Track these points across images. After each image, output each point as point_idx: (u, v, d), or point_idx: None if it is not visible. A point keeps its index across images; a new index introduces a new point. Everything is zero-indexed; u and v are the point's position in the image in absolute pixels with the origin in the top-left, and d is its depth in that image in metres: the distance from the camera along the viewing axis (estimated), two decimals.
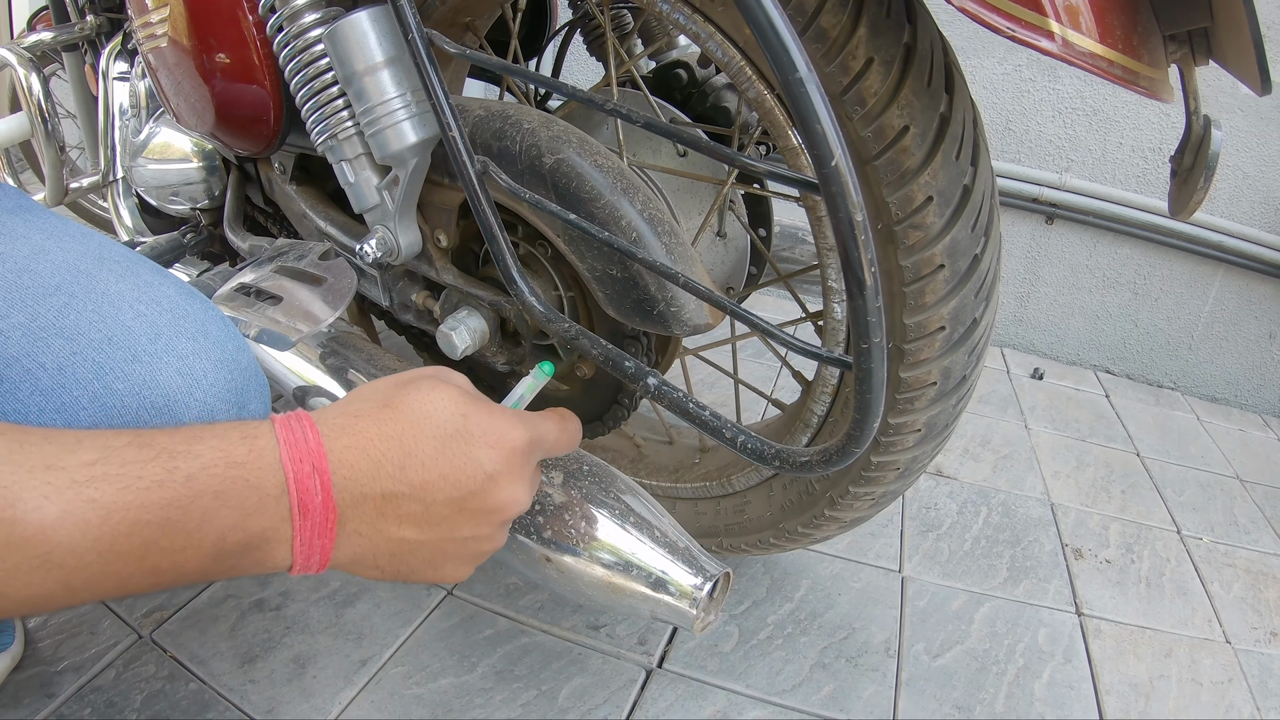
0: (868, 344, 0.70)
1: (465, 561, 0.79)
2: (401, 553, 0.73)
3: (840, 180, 0.62)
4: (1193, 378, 3.30)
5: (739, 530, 1.44)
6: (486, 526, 0.77)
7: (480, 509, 0.75)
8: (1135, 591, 1.94)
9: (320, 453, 0.66)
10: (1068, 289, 3.27)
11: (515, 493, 0.78)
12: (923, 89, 0.93)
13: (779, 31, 0.59)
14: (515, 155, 1.06)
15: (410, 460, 0.71)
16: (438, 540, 0.74)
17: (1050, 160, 3.10)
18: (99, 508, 0.57)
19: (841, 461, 0.82)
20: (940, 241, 0.98)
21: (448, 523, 0.74)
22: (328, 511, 0.66)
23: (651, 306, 1.04)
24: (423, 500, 0.71)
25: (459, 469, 0.73)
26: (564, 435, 0.90)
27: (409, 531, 0.72)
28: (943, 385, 1.10)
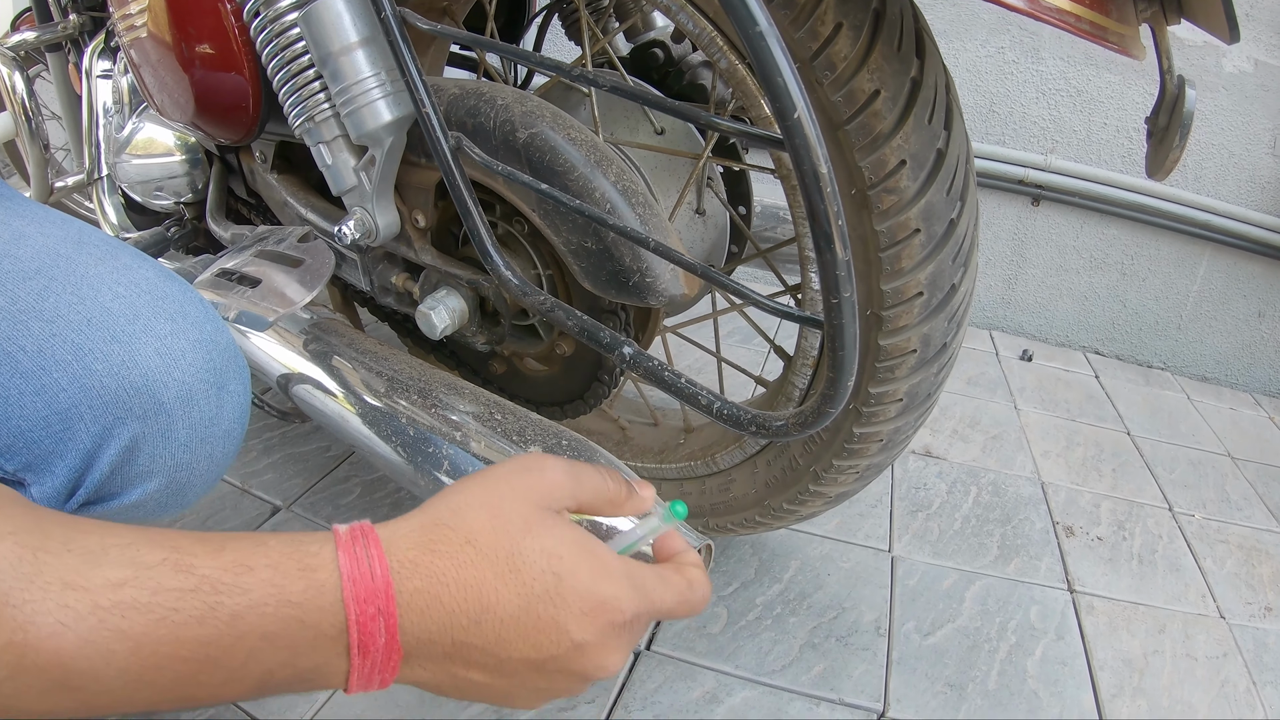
0: (838, 299, 0.70)
1: (533, 704, 0.73)
2: (467, 689, 0.67)
3: (803, 133, 0.62)
4: (1182, 357, 3.30)
5: (725, 509, 1.44)
6: (565, 684, 0.69)
7: (560, 671, 0.67)
8: (1127, 568, 1.94)
9: (389, 594, 0.59)
10: (1055, 270, 3.27)
11: (605, 663, 0.68)
12: (893, 53, 0.93)
13: None
14: (489, 131, 1.06)
15: (488, 616, 0.63)
16: (508, 687, 0.68)
17: (1035, 142, 3.10)
18: (127, 640, 0.52)
19: (817, 423, 0.82)
20: (915, 205, 0.98)
21: (520, 677, 0.67)
22: (391, 653, 0.60)
23: (627, 278, 1.04)
24: (496, 655, 0.64)
25: (542, 633, 0.65)
26: (682, 606, 0.75)
27: (478, 675, 0.66)
28: (923, 353, 1.10)
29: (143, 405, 0.83)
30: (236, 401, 0.94)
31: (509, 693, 0.68)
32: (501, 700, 0.70)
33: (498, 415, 1.07)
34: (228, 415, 0.93)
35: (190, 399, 0.87)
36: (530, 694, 0.70)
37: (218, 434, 0.92)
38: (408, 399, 1.12)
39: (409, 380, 1.15)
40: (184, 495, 0.94)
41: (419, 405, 1.10)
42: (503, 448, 1.03)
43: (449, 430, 1.07)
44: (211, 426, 0.91)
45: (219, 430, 0.92)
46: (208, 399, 0.89)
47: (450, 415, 1.08)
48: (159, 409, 0.85)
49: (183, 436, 0.88)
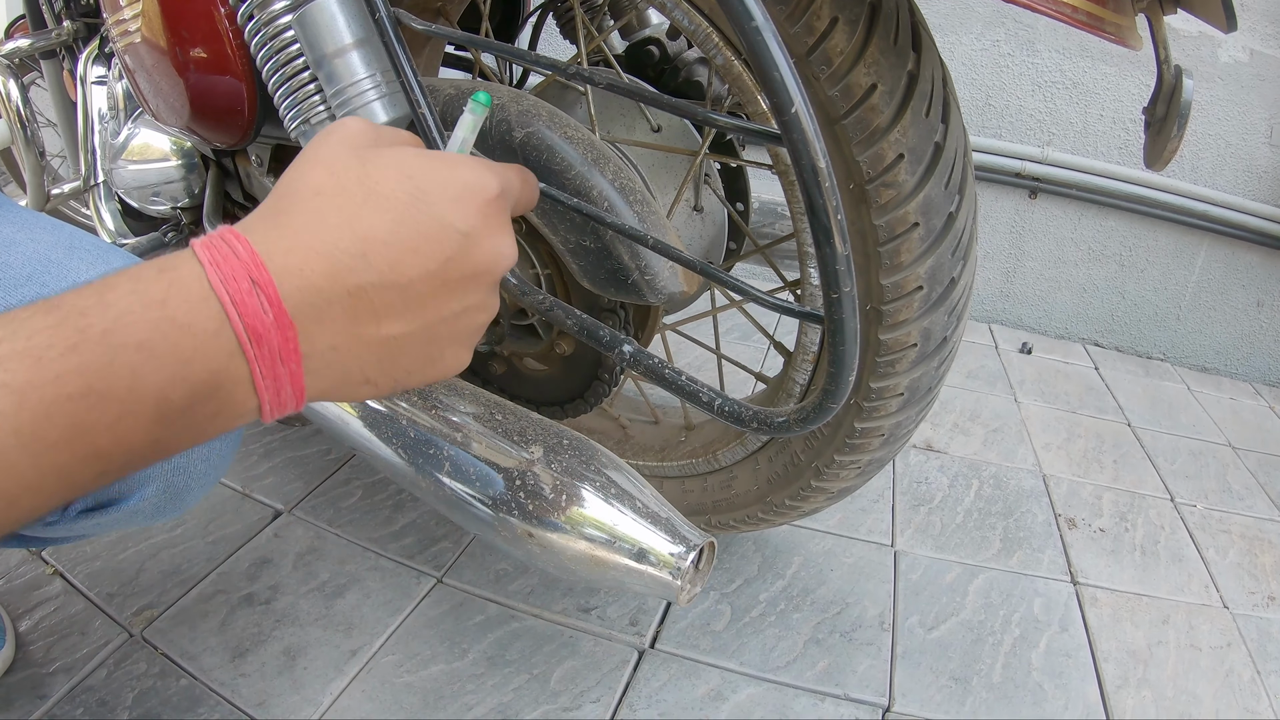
0: (837, 294, 0.70)
1: (463, 342, 0.67)
2: (391, 355, 0.61)
3: (800, 128, 0.61)
4: (1182, 348, 3.30)
5: (727, 506, 1.44)
6: (476, 293, 0.65)
7: (464, 275, 0.63)
8: (1130, 559, 1.94)
9: (258, 263, 0.54)
10: (1054, 263, 3.27)
11: (498, 245, 0.65)
12: (889, 47, 0.93)
13: None
14: (486, 131, 1.06)
15: (370, 244, 0.58)
16: (427, 326, 0.62)
17: (1032, 135, 3.10)
18: (11, 393, 0.47)
19: (819, 419, 0.81)
20: (914, 199, 0.98)
21: (434, 301, 0.62)
22: (284, 330, 0.54)
23: (625, 276, 1.04)
24: (397, 285, 0.59)
25: (428, 237, 0.60)
26: (527, 185, 0.76)
27: (393, 326, 0.60)
28: (923, 347, 1.10)
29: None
30: None
31: (433, 336, 0.64)
32: (432, 360, 0.65)
33: (498, 415, 1.07)
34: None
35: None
36: (452, 326, 0.65)
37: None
38: (407, 401, 1.11)
39: None
40: (182, 499, 0.94)
41: (419, 407, 1.10)
42: (504, 448, 1.03)
43: (450, 431, 1.06)
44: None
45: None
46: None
47: (450, 416, 1.08)
48: None
49: None
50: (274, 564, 1.57)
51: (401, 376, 0.64)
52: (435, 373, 0.66)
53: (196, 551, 1.58)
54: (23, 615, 1.41)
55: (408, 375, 0.64)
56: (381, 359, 0.61)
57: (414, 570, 1.58)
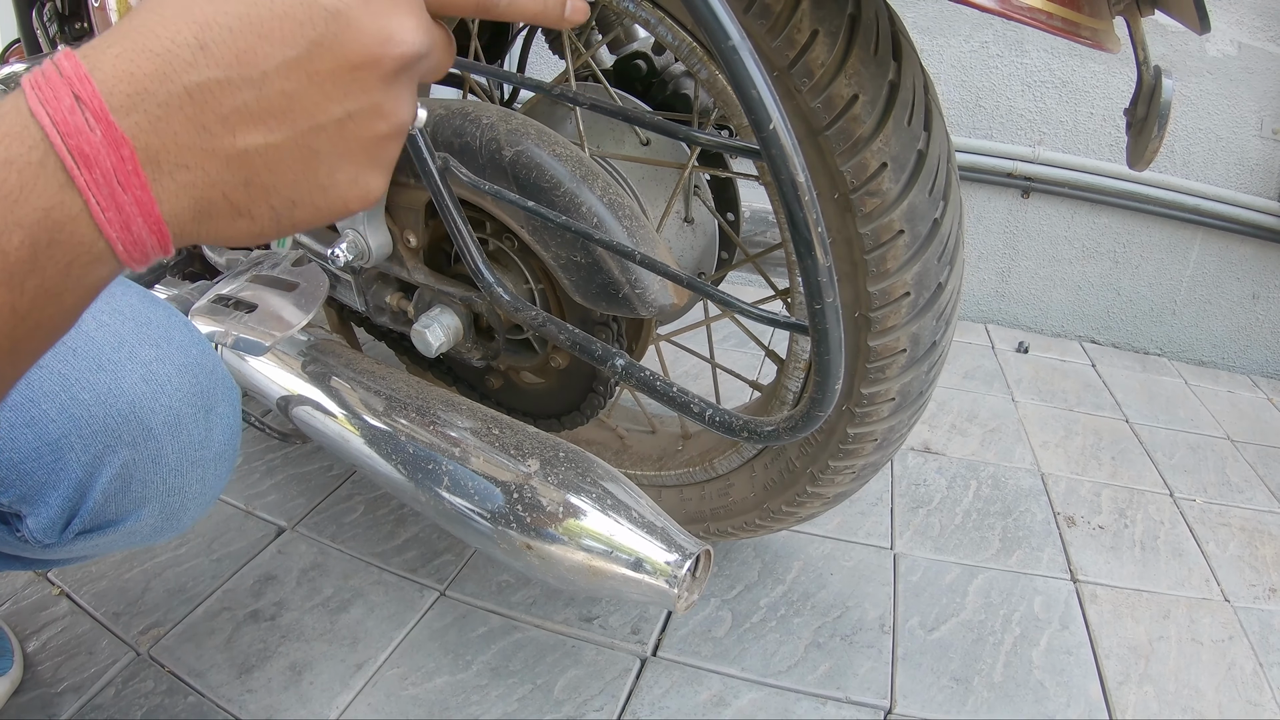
0: (820, 304, 0.71)
1: (359, 160, 0.53)
2: (260, 175, 0.50)
3: (779, 143, 0.63)
4: (1178, 342, 3.31)
5: (725, 514, 1.45)
6: (363, 92, 0.51)
7: (340, 66, 0.49)
8: (1130, 555, 1.95)
9: (81, 75, 0.45)
10: (1048, 261, 3.28)
11: (386, 26, 0.50)
12: (870, 57, 0.94)
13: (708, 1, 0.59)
14: (476, 150, 1.07)
15: (210, 30, 0.47)
16: (300, 135, 0.50)
17: (1023, 134, 3.11)
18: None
19: (807, 427, 0.83)
20: (898, 207, 0.99)
21: (301, 102, 0.49)
22: (117, 147, 0.45)
23: (616, 290, 1.05)
24: (249, 80, 0.47)
25: (284, 17, 0.48)
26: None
27: (251, 135, 0.48)
28: (913, 352, 1.11)
29: (131, 432, 0.85)
30: (226, 424, 0.96)
31: (312, 148, 0.51)
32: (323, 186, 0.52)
33: (495, 430, 1.08)
34: (218, 438, 0.95)
35: (178, 423, 0.88)
36: (337, 137, 0.51)
37: (208, 457, 0.94)
38: (406, 417, 1.13)
39: (407, 398, 1.16)
40: (179, 519, 0.95)
41: (417, 423, 1.11)
42: (501, 462, 1.04)
43: (448, 446, 1.08)
44: (201, 450, 0.92)
45: (209, 454, 0.94)
46: (196, 423, 0.90)
47: (449, 432, 1.09)
48: (147, 435, 0.86)
49: (173, 461, 0.90)
50: (278, 580, 1.58)
51: (282, 206, 0.52)
52: (329, 201, 0.53)
53: (201, 569, 1.59)
54: (30, 636, 1.42)
55: (291, 206, 0.52)
56: (248, 180, 0.50)
57: (417, 584, 1.59)
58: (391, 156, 0.55)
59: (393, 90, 0.52)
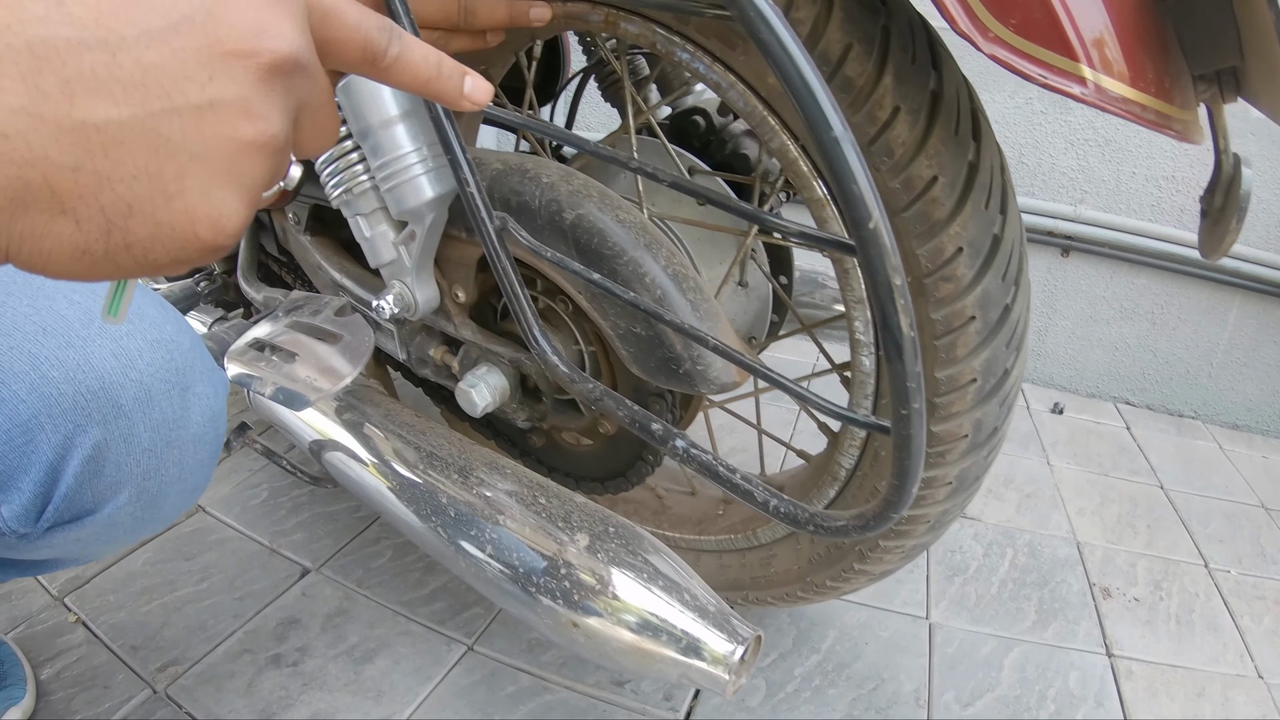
0: (907, 410, 0.68)
1: (218, 166, 0.44)
2: (95, 158, 0.40)
3: (879, 243, 0.60)
4: (1213, 405, 3.27)
5: (765, 584, 1.42)
6: (230, 80, 0.43)
7: (210, 47, 0.42)
8: (1165, 629, 1.91)
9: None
10: (1085, 321, 3.24)
11: (263, 18, 0.44)
12: (950, 137, 0.91)
13: (812, 89, 0.57)
14: (535, 210, 1.04)
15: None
16: (150, 116, 0.41)
17: (1064, 192, 3.08)
18: None
19: (879, 527, 0.80)
20: (971, 293, 0.96)
21: (158, 76, 0.41)
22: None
23: (678, 365, 1.02)
24: (104, 43, 0.40)
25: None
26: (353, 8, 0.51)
27: (93, 106, 0.40)
28: (974, 437, 1.08)
29: (101, 409, 0.83)
30: (204, 405, 0.93)
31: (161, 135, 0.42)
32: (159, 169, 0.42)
33: (542, 499, 1.05)
34: (195, 419, 0.92)
35: (150, 399, 0.86)
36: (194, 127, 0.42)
37: (185, 438, 0.91)
38: (449, 477, 1.10)
39: (449, 457, 1.14)
40: (158, 507, 0.92)
41: (460, 484, 1.09)
42: (549, 533, 1.01)
43: (493, 512, 1.05)
44: (177, 429, 0.90)
45: (186, 434, 0.91)
46: (169, 399, 0.88)
47: (493, 496, 1.07)
48: (118, 412, 0.84)
49: (145, 440, 0.87)
50: (302, 624, 1.55)
51: (115, 210, 0.41)
52: (172, 215, 0.43)
53: (223, 607, 1.57)
54: (44, 663, 1.40)
55: (126, 212, 0.42)
56: (79, 164, 0.40)
57: (445, 636, 1.56)
58: (255, 177, 0.46)
59: (264, 91, 0.45)
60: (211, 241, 0.44)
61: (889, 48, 0.89)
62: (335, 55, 0.51)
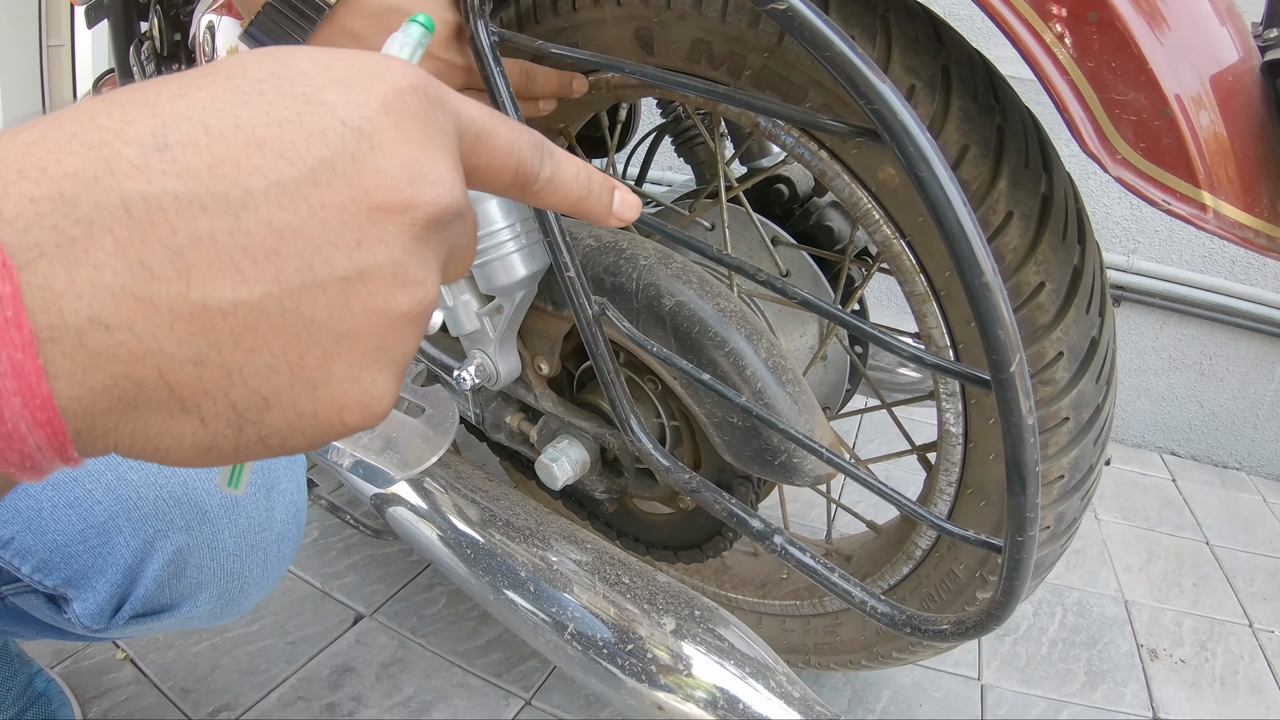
0: (1023, 537, 0.69)
1: (369, 346, 0.36)
2: (223, 349, 0.32)
3: (1016, 385, 0.60)
4: (1258, 457, 3.25)
5: (829, 650, 1.41)
6: (382, 242, 0.35)
7: (356, 201, 0.34)
8: (1210, 692, 1.90)
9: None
10: (1134, 371, 3.23)
11: (419, 160, 0.36)
12: (1059, 242, 0.91)
13: (967, 231, 0.57)
14: (631, 293, 1.04)
15: (178, 128, 0.31)
16: (288, 293, 0.33)
17: (1117, 242, 3.07)
18: None
19: (979, 634, 0.81)
20: (1067, 395, 0.96)
21: (296, 243, 0.33)
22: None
23: (773, 457, 1.02)
24: (225, 200, 0.31)
25: (289, 124, 0.33)
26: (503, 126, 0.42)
27: (215, 286, 0.31)
28: (1055, 529, 1.08)
29: (185, 515, 0.81)
30: (289, 502, 0.91)
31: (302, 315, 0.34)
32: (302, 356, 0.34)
33: (625, 578, 1.05)
34: (279, 518, 0.90)
35: (235, 505, 0.84)
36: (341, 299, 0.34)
37: (269, 539, 0.89)
38: (525, 547, 1.10)
39: (524, 526, 1.14)
40: (238, 604, 0.91)
41: (537, 556, 1.09)
42: (634, 615, 1.01)
43: (574, 590, 1.05)
44: (262, 531, 0.88)
45: (270, 535, 0.89)
46: (255, 503, 0.86)
47: (573, 571, 1.07)
48: (202, 518, 0.82)
49: (231, 545, 0.85)
50: (356, 673, 1.55)
51: (248, 404, 0.34)
52: (317, 406, 0.35)
53: (275, 651, 1.57)
54: (92, 700, 1.40)
55: (261, 406, 0.34)
56: (201, 356, 0.32)
57: (502, 690, 1.56)
58: (407, 349, 0.38)
59: (420, 251, 0.37)
60: (358, 426, 0.37)
61: (1004, 150, 0.89)
62: (482, 180, 0.43)
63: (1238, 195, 0.75)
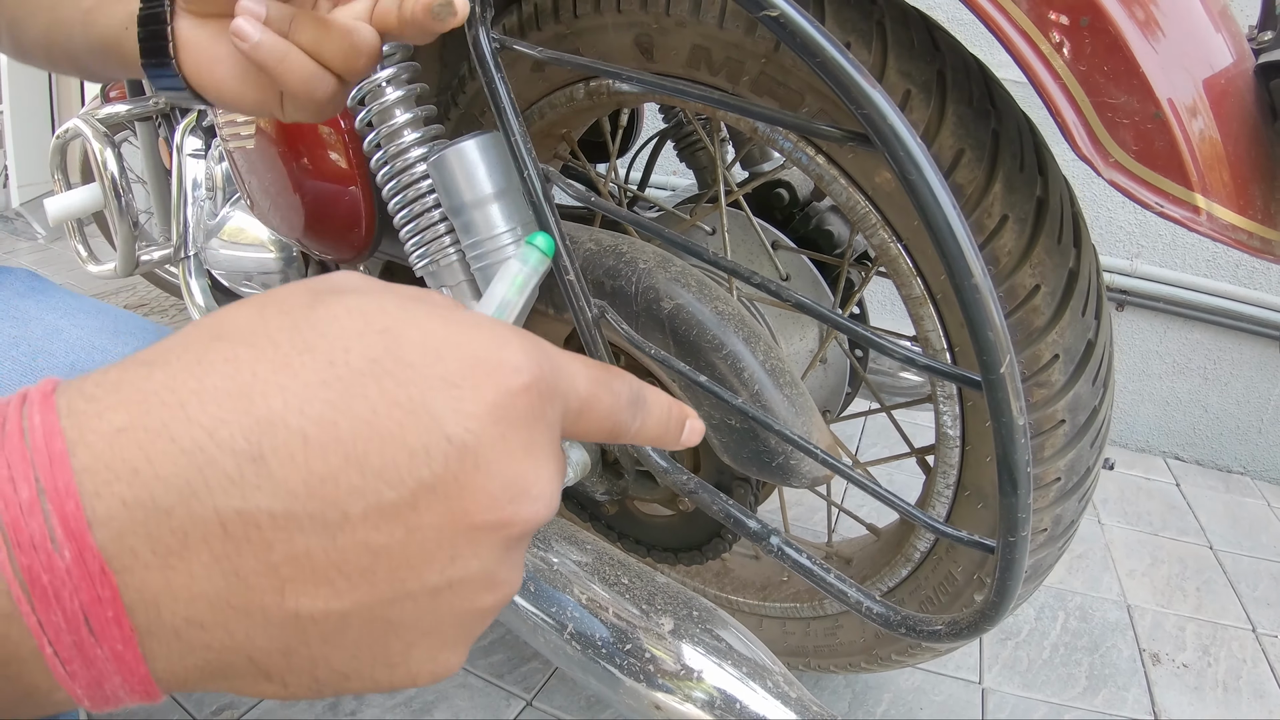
0: (1014, 537, 0.69)
1: (449, 634, 0.37)
2: (306, 645, 0.34)
3: (1006, 386, 0.61)
4: (1262, 461, 3.25)
5: (829, 653, 1.42)
6: (475, 557, 0.36)
7: (455, 522, 0.34)
8: (1212, 696, 1.90)
9: (55, 450, 0.29)
10: (1138, 376, 3.23)
11: (524, 476, 0.36)
12: (1054, 246, 0.92)
13: (956, 233, 0.57)
14: (630, 296, 1.05)
15: (274, 436, 0.31)
16: (376, 606, 0.34)
17: (1121, 247, 3.07)
18: None
19: (973, 635, 0.81)
20: (1063, 398, 0.97)
21: (389, 564, 0.34)
22: (92, 583, 0.29)
23: (770, 459, 1.03)
24: (321, 522, 0.32)
25: (391, 440, 0.33)
26: (606, 393, 0.44)
27: (308, 598, 0.33)
28: (1052, 531, 1.09)
29: None
30: None
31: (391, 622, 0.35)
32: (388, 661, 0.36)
33: (624, 579, 1.05)
34: None
35: None
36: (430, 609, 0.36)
37: None
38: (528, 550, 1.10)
39: None
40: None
41: (536, 557, 1.09)
42: (633, 615, 1.01)
43: (573, 589, 1.05)
44: None
45: None
46: None
47: (573, 572, 1.07)
48: None
49: None
50: None
51: (329, 678, 0.36)
52: (393, 680, 0.37)
53: None
54: None
55: (342, 679, 0.36)
56: (291, 651, 0.34)
57: (504, 690, 1.57)
58: (482, 629, 0.39)
59: (510, 557, 0.38)
60: (426, 685, 0.38)
61: (999, 154, 0.90)
62: (581, 436, 0.44)
63: (1231, 198, 0.76)
